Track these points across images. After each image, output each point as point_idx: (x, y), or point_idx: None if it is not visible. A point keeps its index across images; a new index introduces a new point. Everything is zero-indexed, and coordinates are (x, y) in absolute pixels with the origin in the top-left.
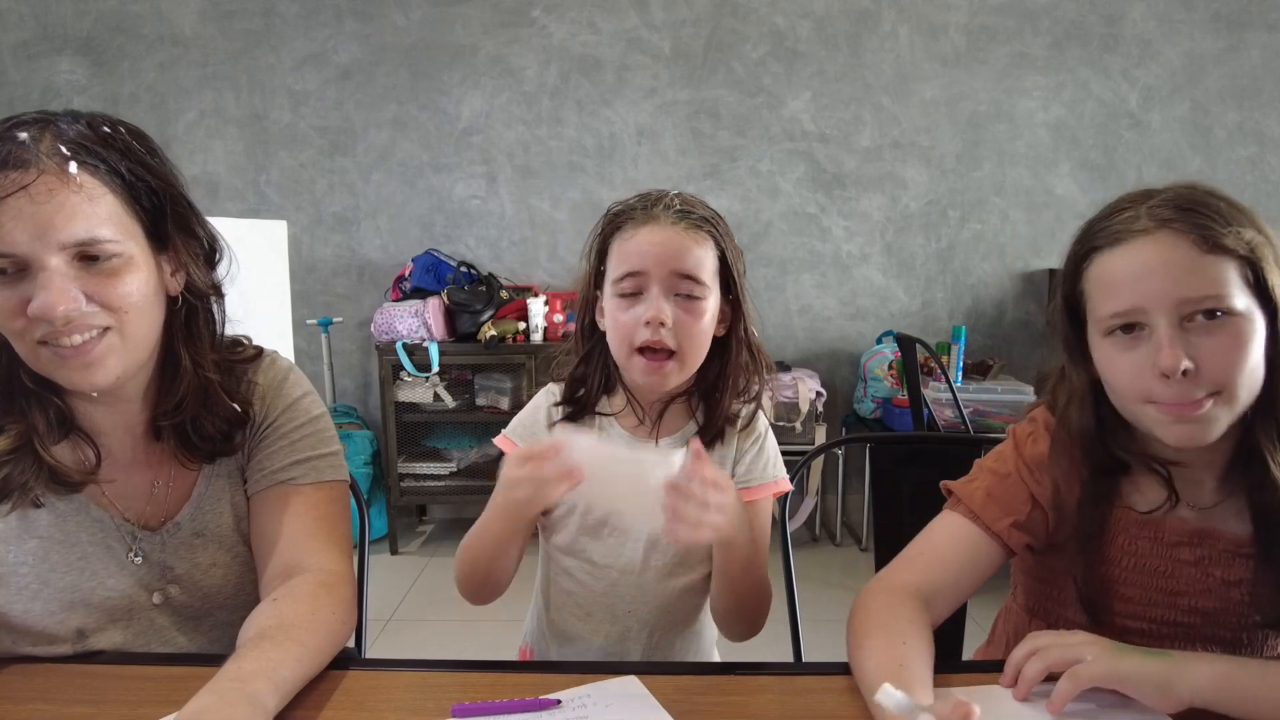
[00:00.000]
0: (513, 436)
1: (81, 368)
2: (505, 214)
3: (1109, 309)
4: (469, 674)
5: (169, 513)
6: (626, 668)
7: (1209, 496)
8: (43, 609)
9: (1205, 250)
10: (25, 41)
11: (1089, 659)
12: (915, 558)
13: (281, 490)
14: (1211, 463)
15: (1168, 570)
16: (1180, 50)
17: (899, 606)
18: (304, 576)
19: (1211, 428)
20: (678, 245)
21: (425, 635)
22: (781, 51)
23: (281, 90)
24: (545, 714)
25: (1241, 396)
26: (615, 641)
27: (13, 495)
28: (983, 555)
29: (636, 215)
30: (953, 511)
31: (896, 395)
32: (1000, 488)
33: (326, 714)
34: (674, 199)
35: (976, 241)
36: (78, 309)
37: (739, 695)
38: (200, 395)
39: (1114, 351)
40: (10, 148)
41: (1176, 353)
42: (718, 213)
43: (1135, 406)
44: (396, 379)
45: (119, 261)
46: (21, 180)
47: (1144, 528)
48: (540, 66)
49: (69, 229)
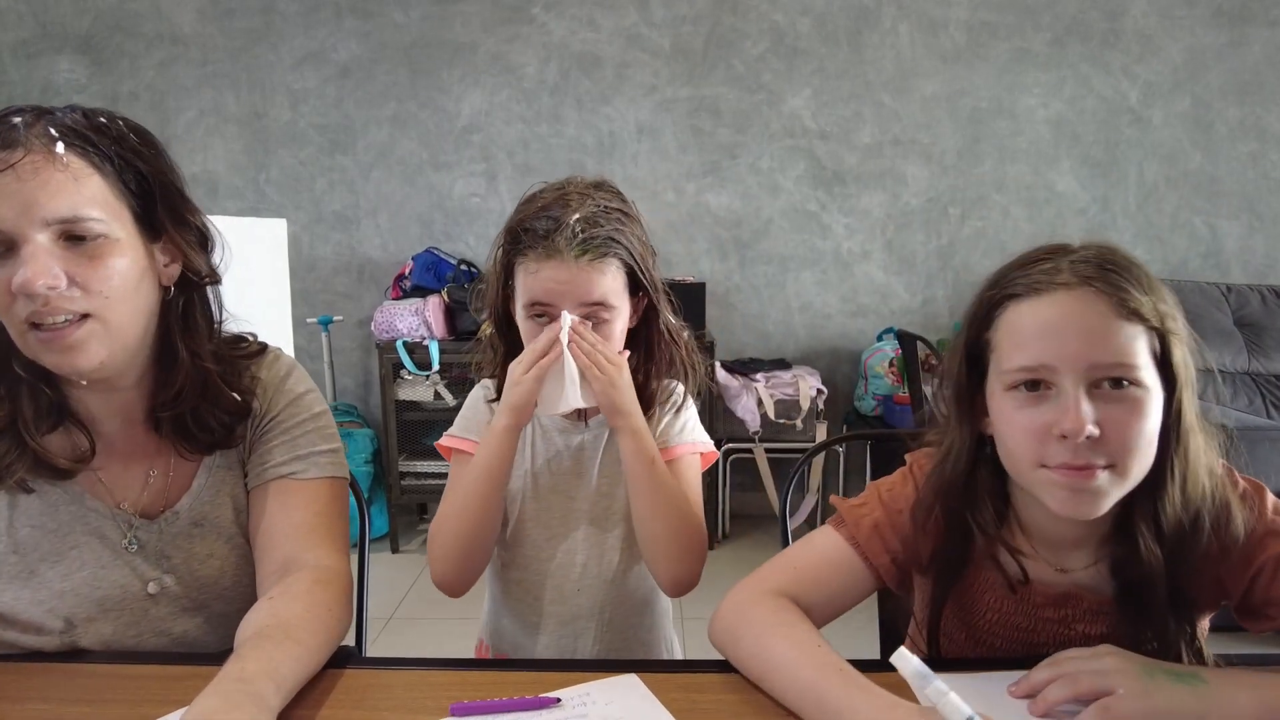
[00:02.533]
0: (459, 434)
1: (63, 350)
2: (505, 212)
3: (1016, 362)
4: (468, 672)
5: (168, 502)
6: (625, 666)
7: (1077, 563)
8: (31, 597)
9: (1122, 316)
10: (24, 40)
11: (1120, 692)
12: (791, 569)
13: (281, 485)
14: (1085, 537)
15: (1031, 626)
16: (1181, 46)
17: (789, 611)
18: (300, 574)
19: (1100, 501)
20: (583, 281)
21: (426, 633)
22: (781, 48)
23: (281, 88)
24: (545, 713)
25: (1133, 472)
26: (567, 623)
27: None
28: (858, 583)
29: (538, 246)
30: (836, 532)
31: (897, 392)
32: (889, 523)
33: (326, 712)
34: (575, 227)
35: (977, 238)
36: (59, 288)
37: (740, 694)
38: (199, 386)
39: (1013, 407)
40: (1, 130)
41: (1082, 417)
42: (622, 209)
43: (1028, 470)
44: (397, 377)
45: (104, 243)
46: (8, 159)
47: (1007, 590)
48: (540, 64)
49: (52, 205)
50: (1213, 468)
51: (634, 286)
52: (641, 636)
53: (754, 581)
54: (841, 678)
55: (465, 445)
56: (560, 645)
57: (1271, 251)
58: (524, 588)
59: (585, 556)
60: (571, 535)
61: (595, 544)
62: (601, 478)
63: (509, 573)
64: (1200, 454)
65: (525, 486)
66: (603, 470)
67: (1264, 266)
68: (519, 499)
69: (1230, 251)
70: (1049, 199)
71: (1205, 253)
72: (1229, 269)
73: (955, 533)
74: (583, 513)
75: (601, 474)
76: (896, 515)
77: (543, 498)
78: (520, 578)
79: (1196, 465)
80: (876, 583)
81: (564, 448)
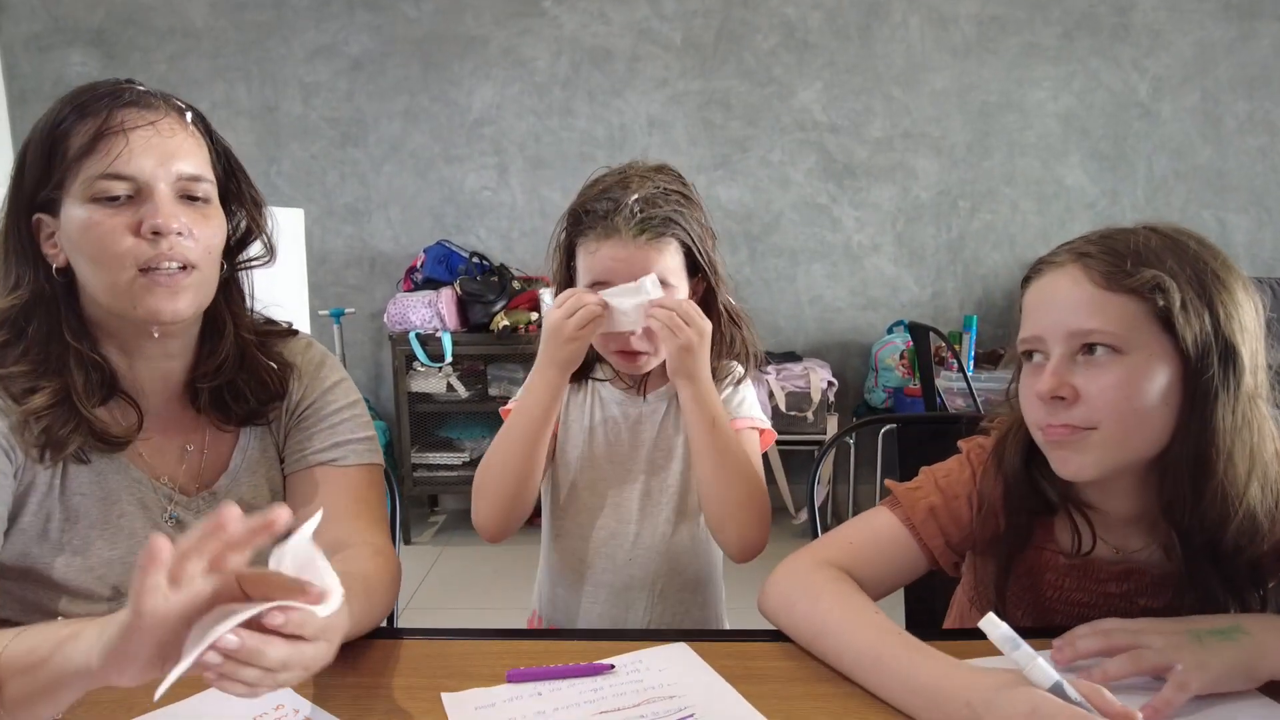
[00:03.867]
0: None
1: (169, 295)
2: (516, 205)
3: (1020, 335)
4: (520, 642)
5: (205, 481)
6: (674, 636)
7: (1134, 543)
8: (82, 564)
9: (1105, 286)
10: (37, 34)
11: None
12: (846, 544)
13: (323, 471)
14: (1136, 514)
15: (1094, 603)
16: (1191, 40)
17: (844, 581)
18: (358, 549)
19: (1087, 463)
20: (641, 259)
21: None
22: (792, 42)
23: (293, 82)
24: (600, 679)
25: (1128, 440)
26: (619, 593)
27: (54, 449)
28: (910, 564)
29: (597, 226)
30: (891, 513)
31: (908, 385)
32: (945, 508)
33: (384, 679)
34: (634, 207)
35: (987, 231)
36: (184, 234)
37: (791, 660)
38: (238, 358)
39: (1024, 377)
40: (133, 92)
41: (1052, 379)
42: (682, 191)
43: (1034, 433)
44: (409, 369)
45: (210, 205)
46: (150, 117)
47: (1071, 568)
48: (551, 57)
49: (185, 162)
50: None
51: (693, 268)
52: (694, 614)
53: (809, 552)
54: (901, 640)
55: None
56: (613, 616)
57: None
58: (576, 556)
59: (638, 527)
60: (624, 506)
61: (649, 516)
62: (657, 450)
63: (561, 542)
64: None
65: (580, 455)
66: (658, 444)
67: (1273, 259)
68: (573, 467)
69: (1239, 245)
70: (1058, 192)
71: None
72: (1238, 262)
73: (1018, 513)
74: (636, 484)
75: (657, 447)
76: (952, 500)
77: (598, 467)
78: (573, 546)
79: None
80: (930, 564)
81: (621, 419)
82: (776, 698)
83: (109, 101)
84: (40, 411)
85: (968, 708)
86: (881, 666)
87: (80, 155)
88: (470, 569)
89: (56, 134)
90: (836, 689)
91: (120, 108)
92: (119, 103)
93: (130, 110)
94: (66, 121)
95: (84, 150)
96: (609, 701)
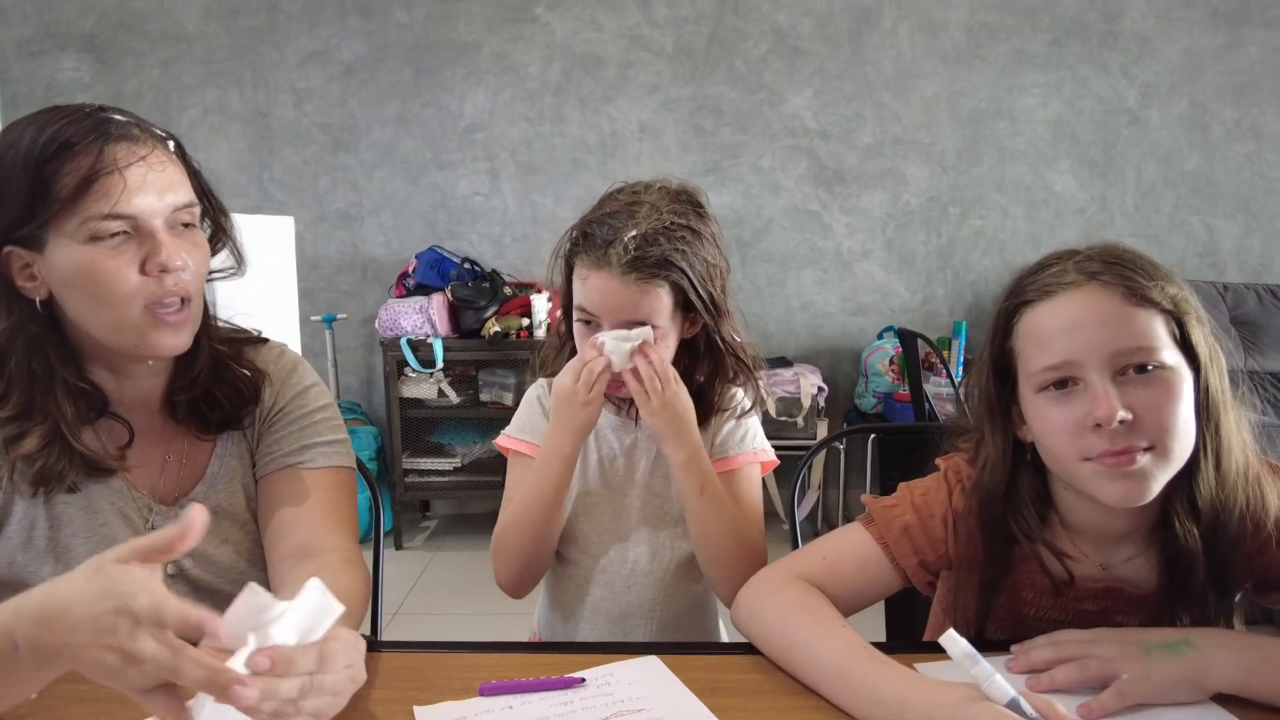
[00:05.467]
0: (516, 435)
1: (173, 332)
2: (508, 211)
3: (1041, 363)
4: (492, 655)
5: (183, 489)
6: (646, 648)
7: (1121, 556)
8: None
9: (1133, 303)
10: (28, 39)
11: (1125, 676)
12: (819, 559)
13: (292, 473)
14: (1133, 529)
15: (1071, 620)
16: (1179, 47)
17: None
18: (328, 556)
19: (1149, 484)
20: (628, 298)
21: (430, 630)
22: (783, 49)
23: (285, 87)
24: (570, 692)
25: (1176, 451)
26: (617, 620)
27: (49, 484)
28: (883, 581)
29: (593, 254)
30: (865, 530)
31: (898, 390)
32: (921, 528)
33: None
34: (629, 244)
35: (976, 238)
36: (185, 265)
37: (760, 673)
38: (212, 367)
39: (1047, 407)
40: (118, 125)
41: (1113, 403)
42: (692, 226)
43: (1073, 465)
44: (401, 375)
45: (197, 233)
46: (141, 151)
47: (1051, 586)
48: (543, 64)
49: (178, 195)
50: (1246, 445)
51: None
52: (694, 638)
53: (781, 567)
54: (868, 655)
55: (524, 447)
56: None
57: (1267, 251)
58: (575, 583)
59: (636, 554)
60: (623, 532)
61: (647, 542)
62: (654, 477)
63: (560, 567)
64: (1233, 431)
65: (577, 484)
66: (655, 469)
67: (1260, 266)
68: (571, 495)
69: (1226, 251)
70: (1047, 199)
71: (1202, 252)
72: (1225, 268)
73: (999, 541)
74: (634, 510)
75: (654, 473)
76: (928, 519)
77: (594, 494)
78: (571, 573)
79: (1230, 442)
80: (903, 582)
81: (617, 446)
82: (743, 710)
83: (96, 138)
84: (33, 455)
85: None
86: (847, 679)
87: (75, 196)
88: (461, 575)
89: (43, 172)
90: (803, 701)
91: (110, 144)
92: (108, 139)
93: (121, 146)
94: (56, 159)
95: (79, 191)
96: (579, 715)
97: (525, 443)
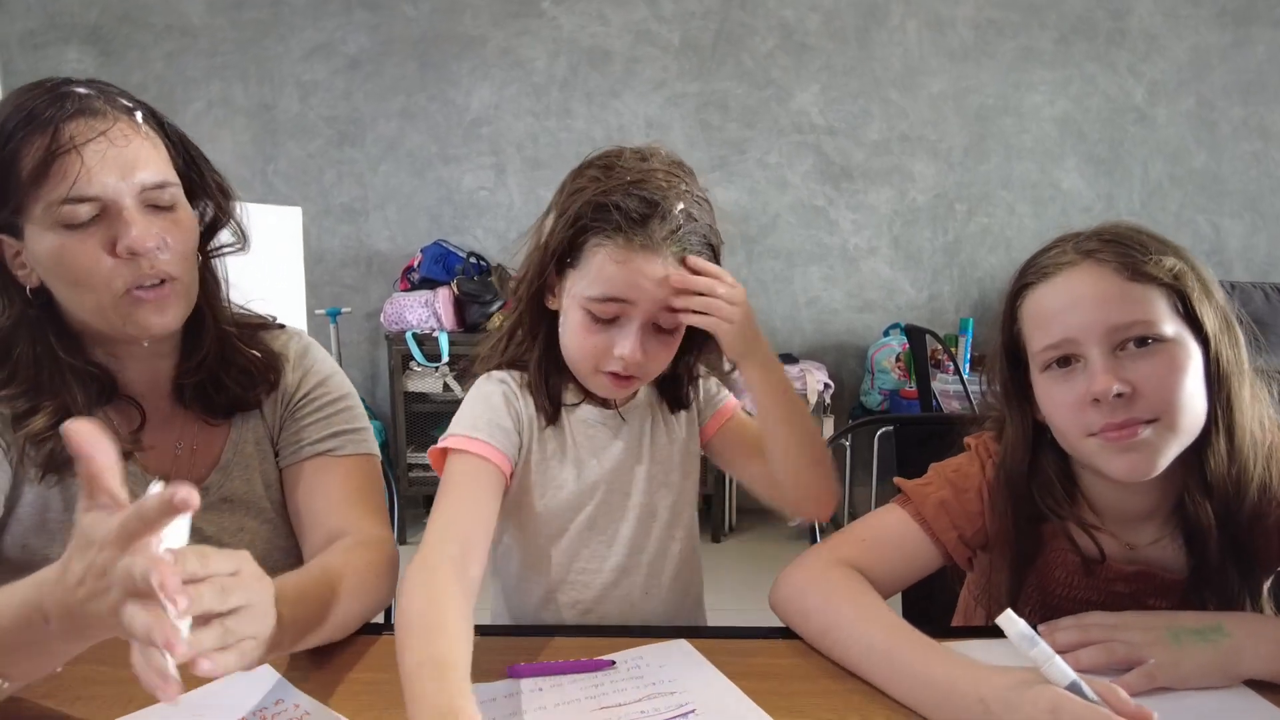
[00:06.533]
0: (477, 435)
1: (156, 310)
2: (514, 205)
3: (1042, 342)
4: (520, 639)
5: (197, 476)
6: (675, 632)
7: (1146, 537)
8: None
9: (1128, 278)
10: (32, 31)
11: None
12: (858, 541)
13: (321, 461)
14: (1153, 508)
15: (1102, 602)
16: (1186, 45)
17: (857, 580)
18: (343, 540)
19: (1154, 458)
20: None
21: None
22: (790, 44)
23: (290, 80)
24: (601, 674)
25: (1183, 424)
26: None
27: (60, 468)
28: (922, 559)
29: (632, 233)
30: (902, 509)
31: (904, 387)
32: (956, 500)
33: (385, 675)
34: (677, 220)
35: (983, 235)
36: (162, 248)
37: (791, 658)
38: (219, 349)
39: (1051, 386)
40: (78, 100)
41: (1108, 376)
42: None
43: (1078, 442)
44: (406, 369)
45: (180, 211)
46: (99, 126)
47: (1082, 566)
48: (549, 58)
49: (146, 171)
50: (1263, 419)
51: None
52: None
53: (822, 550)
54: (914, 637)
55: (476, 447)
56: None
57: (1274, 250)
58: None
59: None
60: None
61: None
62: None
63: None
64: (1246, 404)
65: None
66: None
67: (1266, 264)
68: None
69: (1233, 249)
70: (1054, 196)
71: (1209, 250)
72: (1232, 267)
73: (1026, 520)
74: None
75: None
76: (963, 493)
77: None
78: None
79: (1242, 415)
80: (943, 559)
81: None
82: (777, 694)
83: (53, 113)
84: (42, 436)
85: (981, 704)
86: (893, 662)
87: (35, 179)
88: None
89: (5, 154)
90: (839, 685)
91: (67, 120)
92: (64, 115)
93: (78, 122)
94: (14, 139)
95: (38, 174)
96: (610, 697)
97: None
